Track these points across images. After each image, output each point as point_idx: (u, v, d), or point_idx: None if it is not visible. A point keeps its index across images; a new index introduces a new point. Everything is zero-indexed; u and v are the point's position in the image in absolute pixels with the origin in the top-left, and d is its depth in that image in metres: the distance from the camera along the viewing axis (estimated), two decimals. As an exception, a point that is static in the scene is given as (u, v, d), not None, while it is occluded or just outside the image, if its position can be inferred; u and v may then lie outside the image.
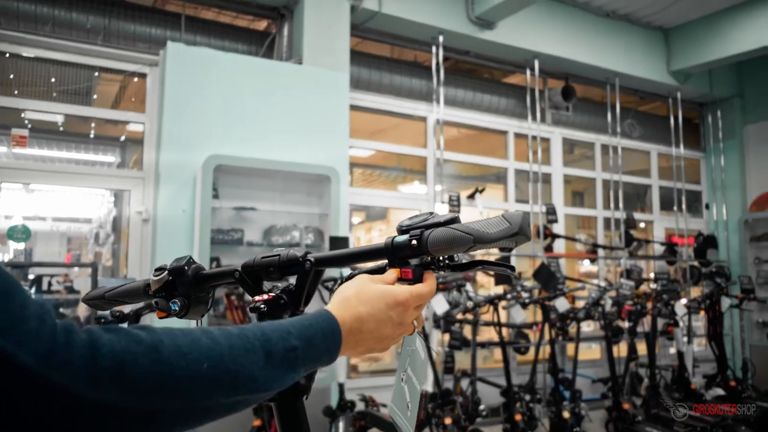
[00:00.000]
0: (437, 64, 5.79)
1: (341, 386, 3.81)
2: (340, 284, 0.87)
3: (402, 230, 0.85)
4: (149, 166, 4.51)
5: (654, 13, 6.70)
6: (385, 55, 6.18)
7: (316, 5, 5.01)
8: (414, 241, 0.82)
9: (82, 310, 7.31)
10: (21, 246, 4.43)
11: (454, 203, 5.56)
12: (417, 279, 0.83)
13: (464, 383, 4.77)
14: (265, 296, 0.90)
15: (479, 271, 0.86)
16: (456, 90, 6.16)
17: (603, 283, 5.35)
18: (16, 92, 4.51)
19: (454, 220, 0.82)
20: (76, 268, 6.23)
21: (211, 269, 0.99)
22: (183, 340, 0.61)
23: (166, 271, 0.98)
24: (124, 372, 0.54)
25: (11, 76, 4.50)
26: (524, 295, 4.51)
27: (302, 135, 4.69)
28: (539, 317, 5.09)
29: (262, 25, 5.69)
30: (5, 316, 0.50)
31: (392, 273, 0.84)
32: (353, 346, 0.79)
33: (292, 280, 0.93)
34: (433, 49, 5.82)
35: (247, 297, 3.99)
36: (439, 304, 3.92)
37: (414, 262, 0.85)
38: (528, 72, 6.44)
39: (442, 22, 5.63)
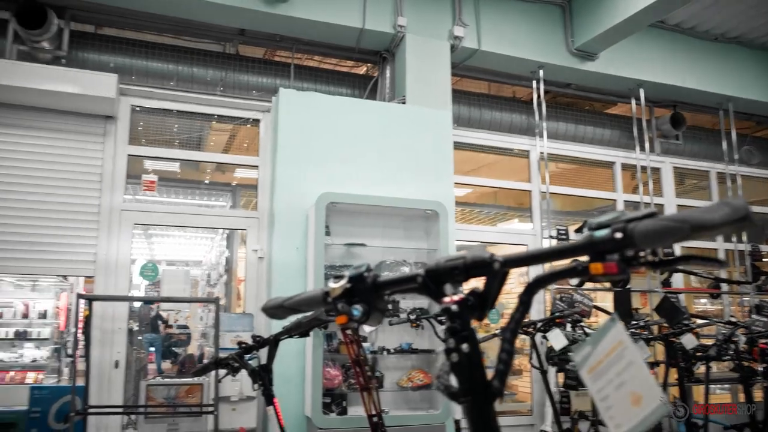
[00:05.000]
0: (538, 98, 5.74)
1: (457, 423, 3.72)
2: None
3: (594, 228, 0.82)
4: (263, 206, 4.72)
5: (765, 35, 6.34)
6: (483, 91, 6.21)
7: (417, 47, 5.14)
8: (618, 234, 0.78)
9: (194, 348, 7.63)
10: (148, 283, 4.72)
11: (563, 238, 5.40)
12: (621, 273, 0.80)
13: (583, 426, 4.51)
14: (456, 297, 0.90)
15: (686, 266, 0.81)
16: (557, 123, 6.06)
17: (733, 319, 4.95)
18: (143, 141, 4.89)
19: (655, 214, 0.78)
20: (188, 310, 6.55)
21: (389, 277, 1.00)
22: None
23: (347, 278, 1.00)
24: None
25: (140, 127, 4.90)
26: (645, 331, 4.24)
27: (408, 172, 4.76)
28: (661, 356, 4.77)
29: (362, 69, 5.92)
30: None
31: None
32: None
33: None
34: (534, 83, 5.78)
35: (363, 331, 4.02)
36: (557, 340, 3.76)
37: (614, 258, 0.81)
38: (633, 101, 6.24)
39: (541, 56, 5.60)
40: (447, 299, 0.90)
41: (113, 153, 4.51)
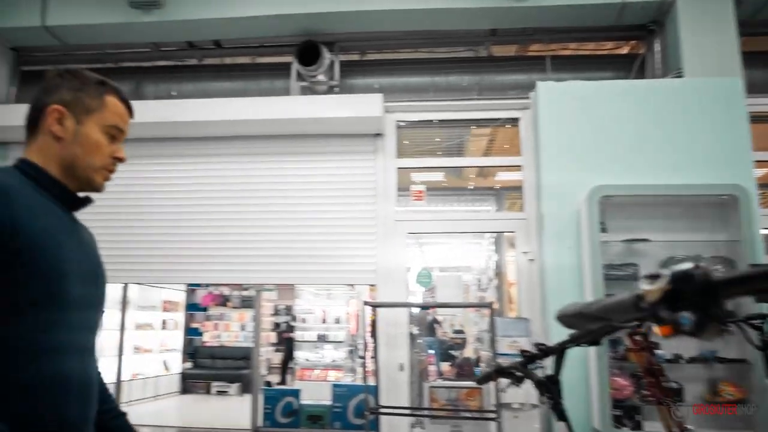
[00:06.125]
0: None
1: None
2: None
3: None
4: (530, 207, 4.56)
5: None
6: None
7: (692, 10, 4.48)
8: None
9: (470, 351, 7.75)
10: (424, 290, 4.91)
11: None
12: None
13: None
14: None
15: None
16: None
17: None
18: (409, 153, 5.12)
19: None
20: (460, 312, 6.64)
21: (732, 272, 0.77)
22: None
23: (667, 277, 0.80)
24: None
25: (405, 141, 5.14)
26: None
27: (692, 154, 4.16)
28: None
29: (624, 49, 5.38)
30: None
31: None
32: None
33: None
34: None
35: (654, 335, 3.59)
36: None
37: None
38: None
39: None
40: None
41: (384, 167, 4.81)
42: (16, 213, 1.20)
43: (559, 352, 1.93)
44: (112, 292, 9.12)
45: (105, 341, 8.50)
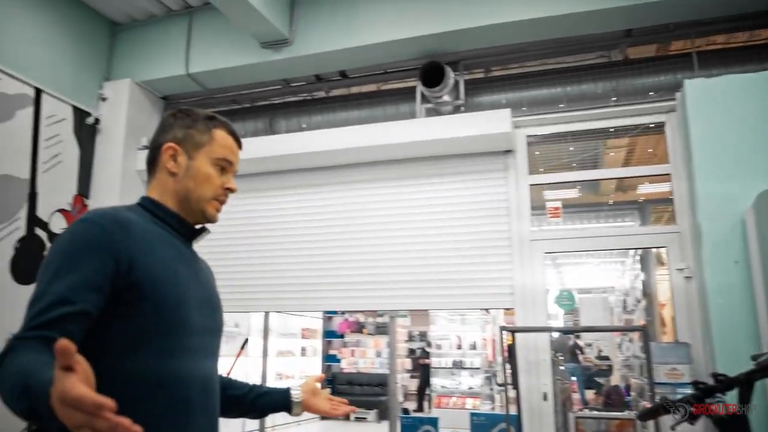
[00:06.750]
0: None
1: None
2: None
3: None
4: (683, 218, 4.12)
5: None
6: None
7: None
8: None
9: (616, 379, 7.16)
10: (564, 312, 4.58)
11: None
12: None
13: None
14: None
15: None
16: None
17: None
18: (541, 170, 4.87)
19: None
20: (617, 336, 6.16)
21: None
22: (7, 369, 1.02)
23: None
24: None
25: (536, 155, 4.90)
26: None
27: None
28: None
29: (785, 36, 4.78)
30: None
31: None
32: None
33: None
34: None
35: None
36: None
37: None
38: None
39: None
40: None
41: (515, 185, 4.60)
42: (134, 246, 1.25)
43: (744, 383, 1.63)
44: (256, 320, 9.58)
45: (250, 368, 8.90)
